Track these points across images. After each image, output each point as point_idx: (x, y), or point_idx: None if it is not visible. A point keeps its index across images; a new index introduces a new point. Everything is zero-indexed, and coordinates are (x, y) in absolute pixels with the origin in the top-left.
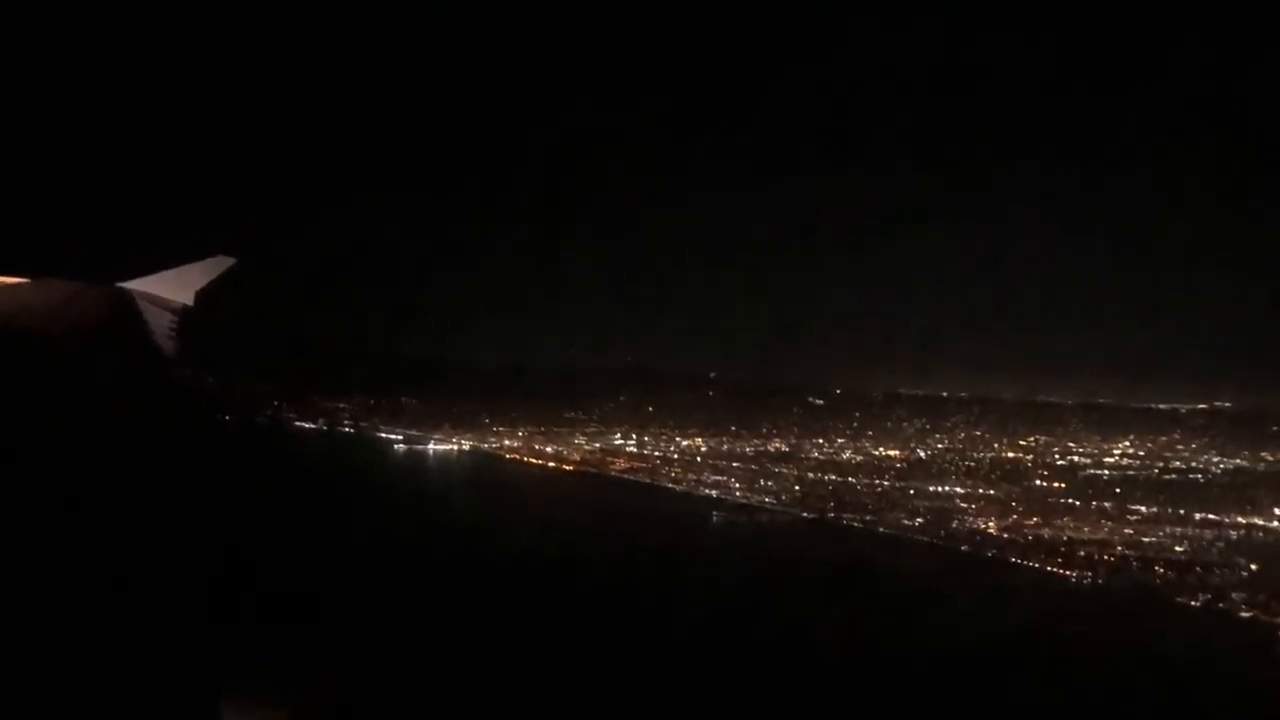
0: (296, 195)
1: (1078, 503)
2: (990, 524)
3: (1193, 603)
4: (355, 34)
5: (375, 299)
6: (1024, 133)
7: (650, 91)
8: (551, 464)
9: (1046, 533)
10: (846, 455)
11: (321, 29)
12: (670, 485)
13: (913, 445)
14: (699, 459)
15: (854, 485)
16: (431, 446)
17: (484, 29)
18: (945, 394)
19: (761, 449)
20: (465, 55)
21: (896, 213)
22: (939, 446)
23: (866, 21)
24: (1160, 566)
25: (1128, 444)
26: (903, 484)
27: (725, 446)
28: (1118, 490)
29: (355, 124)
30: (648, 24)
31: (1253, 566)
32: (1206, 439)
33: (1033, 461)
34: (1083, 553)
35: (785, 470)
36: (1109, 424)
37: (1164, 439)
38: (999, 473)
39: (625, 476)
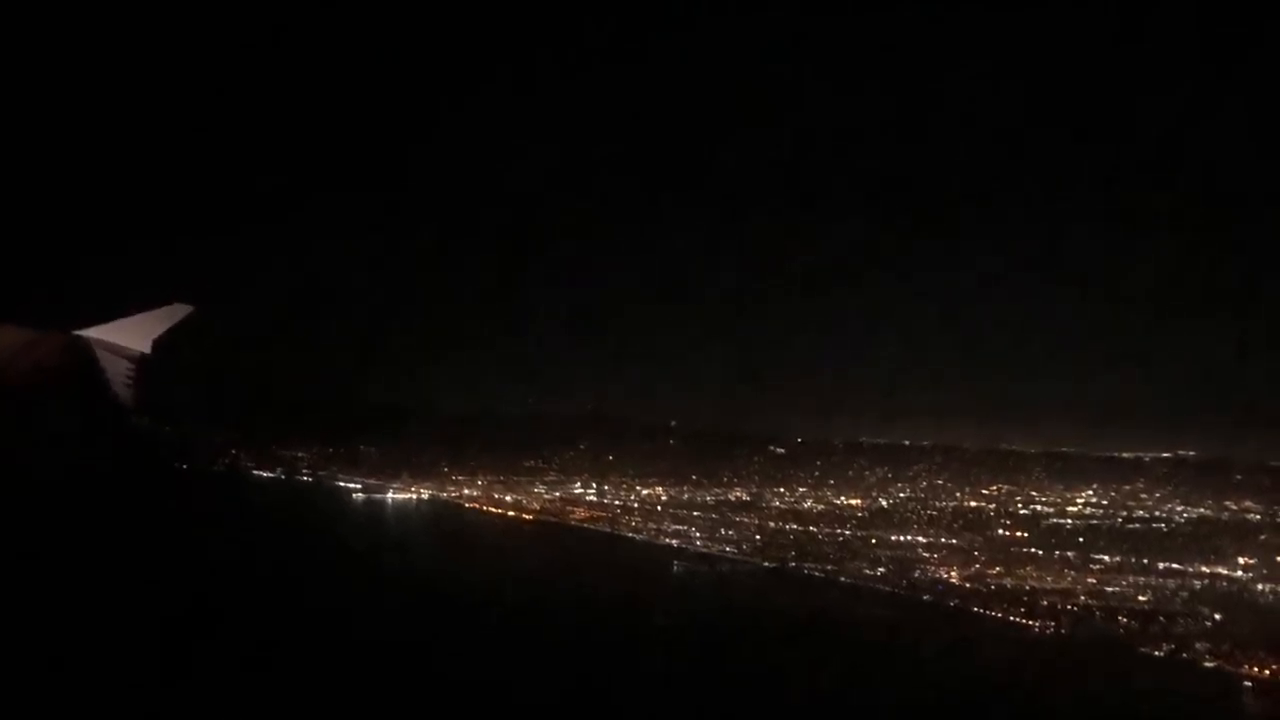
0: (254, 242)
1: (1040, 552)
2: (953, 573)
3: (1156, 653)
4: (314, 82)
5: (334, 346)
6: (986, 180)
7: (612, 139)
8: (511, 513)
9: (1009, 582)
10: (808, 504)
11: (279, 77)
12: (630, 534)
13: (875, 494)
14: (659, 508)
15: (815, 534)
16: (390, 495)
17: (444, 76)
18: (907, 442)
19: (722, 498)
20: (425, 103)
21: (858, 260)
22: (901, 495)
23: (827, 70)
24: (1124, 616)
25: (1091, 493)
26: (864, 533)
27: (686, 495)
28: (1081, 539)
29: (314, 171)
30: (609, 72)
31: (1216, 616)
32: (1170, 488)
33: (995, 510)
34: (1046, 602)
35: (746, 519)
36: (1072, 473)
37: (1127, 488)
38: (961, 522)
39: (585, 526)
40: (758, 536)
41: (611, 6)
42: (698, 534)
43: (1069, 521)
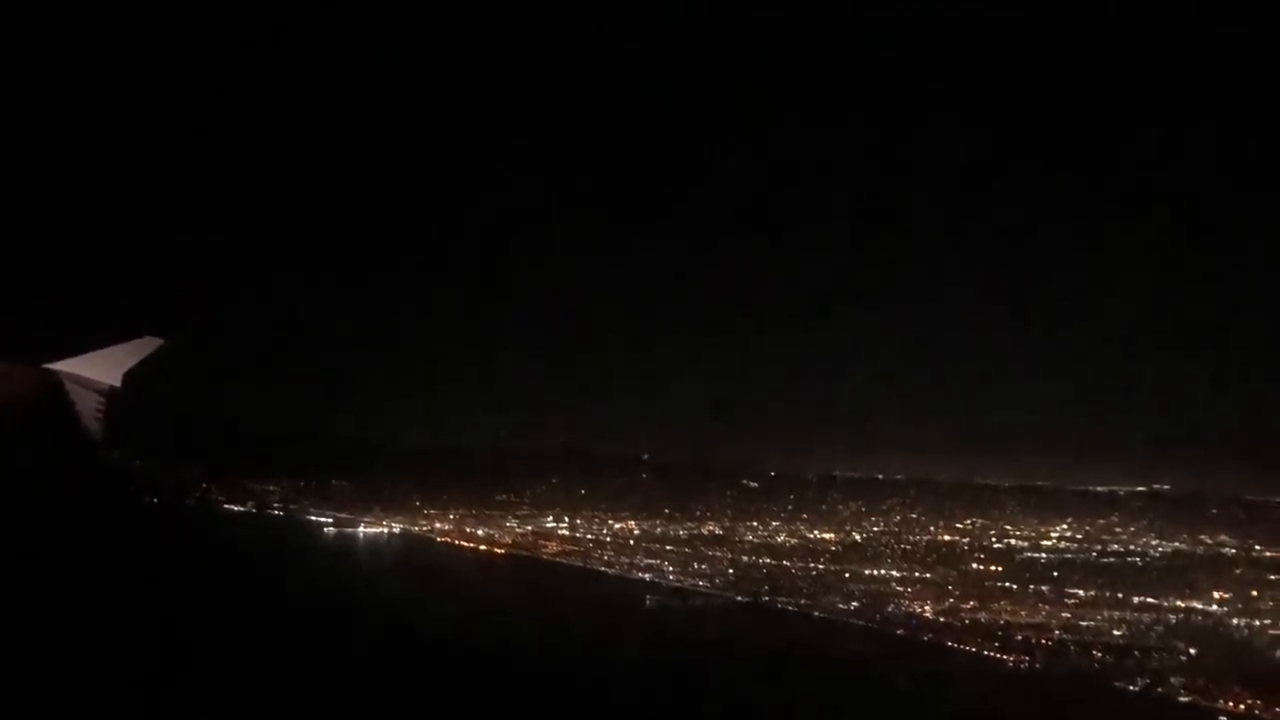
0: (224, 277)
1: (1015, 586)
2: (926, 608)
3: (1131, 687)
4: (286, 121)
5: (305, 381)
6: (961, 215)
7: (585, 174)
8: (483, 547)
9: (983, 617)
10: (781, 538)
11: (250, 115)
12: (603, 569)
13: (848, 528)
14: (632, 542)
15: (789, 568)
16: (362, 529)
17: (415, 113)
18: (881, 476)
19: (695, 532)
20: (395, 139)
21: (832, 295)
22: (875, 529)
23: (802, 106)
24: (1098, 650)
25: (1065, 527)
26: (838, 567)
27: (659, 529)
28: (1055, 573)
29: (285, 207)
30: (581, 107)
31: (1191, 650)
32: (1145, 522)
33: (969, 544)
34: (1020, 637)
35: (719, 553)
36: (1046, 506)
37: (1102, 521)
38: (935, 556)
39: (558, 560)
40: (731, 570)
41: (585, 43)
42: (670, 568)
43: (1043, 555)
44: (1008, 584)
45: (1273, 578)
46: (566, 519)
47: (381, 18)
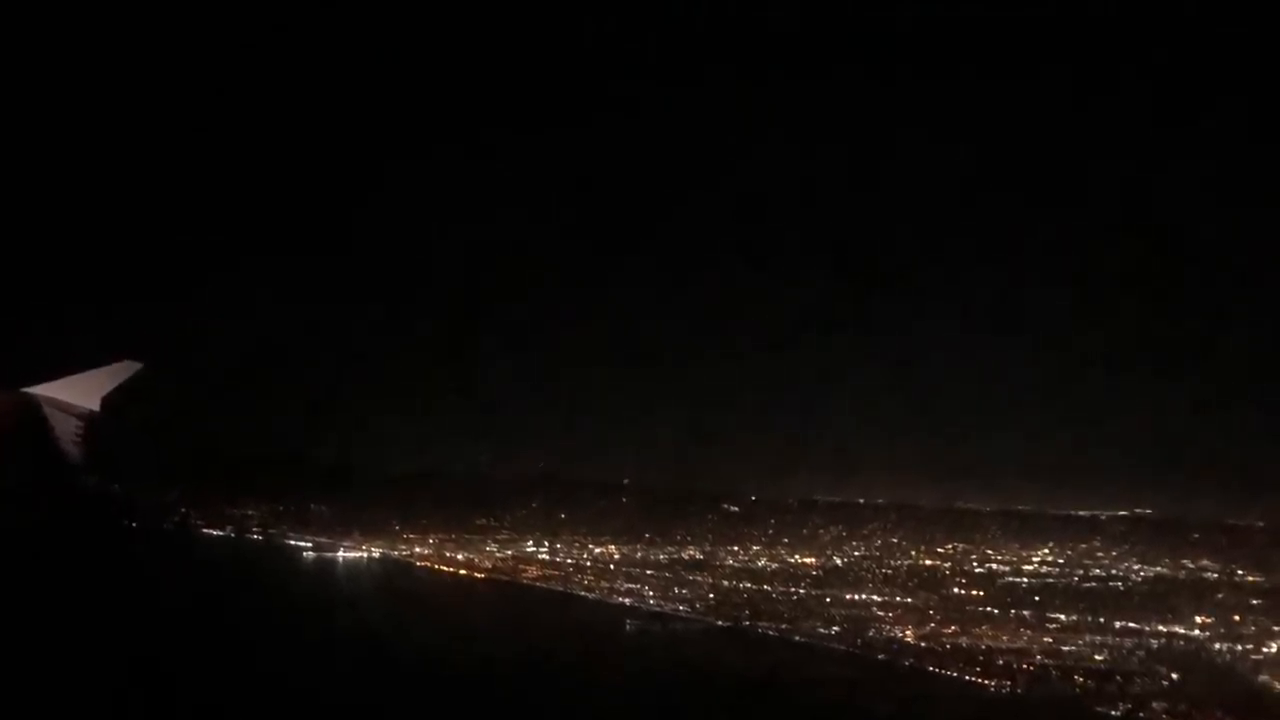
0: (202, 299)
1: (996, 611)
2: (908, 632)
3: (1113, 712)
4: (262, 143)
5: (283, 404)
6: (940, 237)
7: (563, 198)
8: (463, 571)
9: (965, 641)
10: (762, 563)
11: (227, 136)
12: (583, 593)
13: (829, 553)
14: (612, 566)
15: (769, 593)
16: (341, 554)
17: (393, 136)
18: (862, 500)
19: (676, 556)
20: (374, 163)
21: (812, 318)
22: (856, 554)
23: (779, 129)
24: (1080, 675)
25: (1047, 551)
26: (819, 592)
27: (639, 554)
28: (1037, 598)
29: (263, 230)
30: (558, 132)
31: (1174, 675)
32: (1127, 546)
33: (951, 569)
34: (1001, 661)
35: (700, 578)
36: (1028, 531)
37: (1084, 546)
38: (916, 580)
39: (537, 584)
40: (711, 595)
41: (561, 68)
42: (651, 592)
43: (1025, 580)
44: (989, 608)
45: (1255, 602)
46: (546, 543)
47: (359, 41)
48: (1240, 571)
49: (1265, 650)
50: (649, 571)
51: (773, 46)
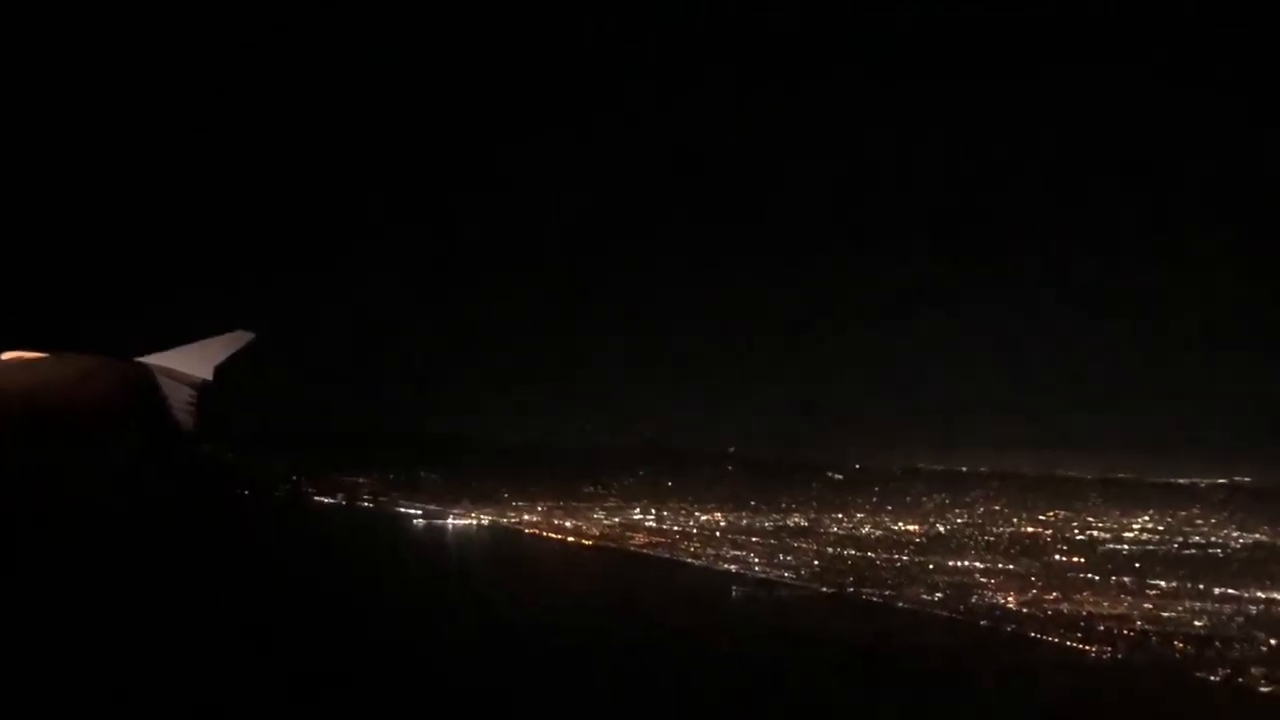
0: (319, 273)
1: (1097, 578)
2: (1010, 599)
3: (1212, 678)
4: (376, 122)
5: (395, 377)
6: (1044, 214)
7: (673, 175)
8: (570, 539)
9: (1066, 608)
10: (866, 530)
11: (344, 115)
12: (689, 560)
13: (932, 520)
14: (718, 533)
15: (873, 560)
16: (451, 521)
17: (503, 116)
18: (964, 469)
19: (781, 524)
20: (485, 142)
21: (917, 292)
22: (958, 521)
23: (885, 109)
24: (1180, 641)
25: (1147, 519)
26: (922, 559)
27: (744, 521)
28: (1137, 565)
29: (380, 208)
30: (668, 107)
31: (1272, 641)
32: (1226, 514)
33: (1052, 536)
34: (1102, 628)
35: (804, 545)
36: (1128, 499)
37: (1183, 514)
38: (1018, 547)
39: (644, 551)
40: (816, 562)
41: (665, 48)
42: (756, 559)
43: (1125, 547)
44: (1090, 575)
45: None
46: (653, 511)
47: (466, 22)
48: None
49: None
50: (754, 539)
51: (879, 31)
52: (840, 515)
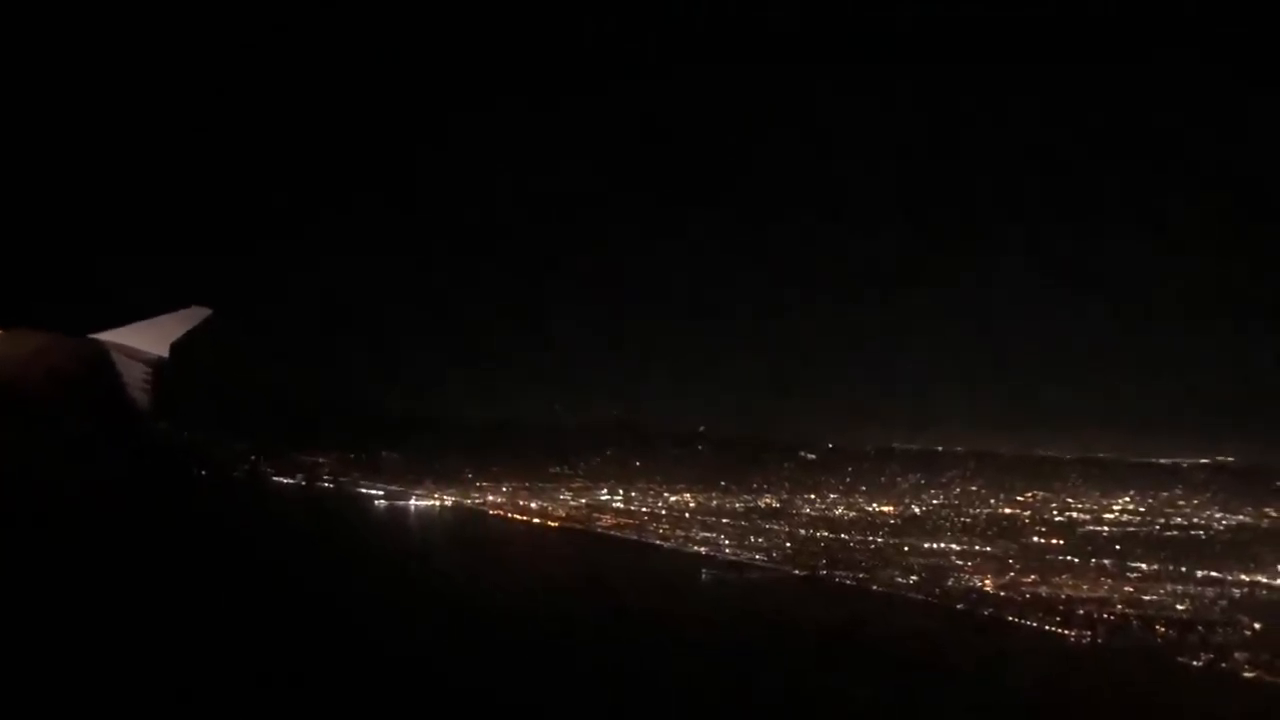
0: (277, 248)
1: (1076, 560)
2: (987, 582)
3: (1195, 663)
4: (334, 95)
5: (355, 354)
6: (1020, 189)
7: (641, 146)
8: (536, 520)
9: (1044, 591)
10: (839, 511)
11: (297, 90)
12: (658, 542)
13: (907, 501)
14: (687, 515)
15: (847, 542)
16: (413, 502)
17: (465, 86)
18: (941, 448)
19: (752, 505)
20: (445, 113)
21: (891, 267)
22: (934, 502)
23: (858, 80)
24: (1161, 626)
25: (1128, 500)
26: (897, 541)
27: (715, 502)
28: (1117, 547)
29: (337, 181)
30: (634, 80)
31: (1256, 625)
32: (1209, 494)
33: (1030, 518)
34: (1082, 611)
35: (776, 527)
36: (1108, 479)
37: (1165, 495)
38: (995, 529)
39: (612, 533)
40: (788, 544)
41: (635, 14)
42: (727, 541)
43: (1105, 529)
44: (1069, 558)
45: None
46: (621, 491)
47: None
48: None
49: None
50: (725, 520)
51: (847, 5)
52: (813, 496)
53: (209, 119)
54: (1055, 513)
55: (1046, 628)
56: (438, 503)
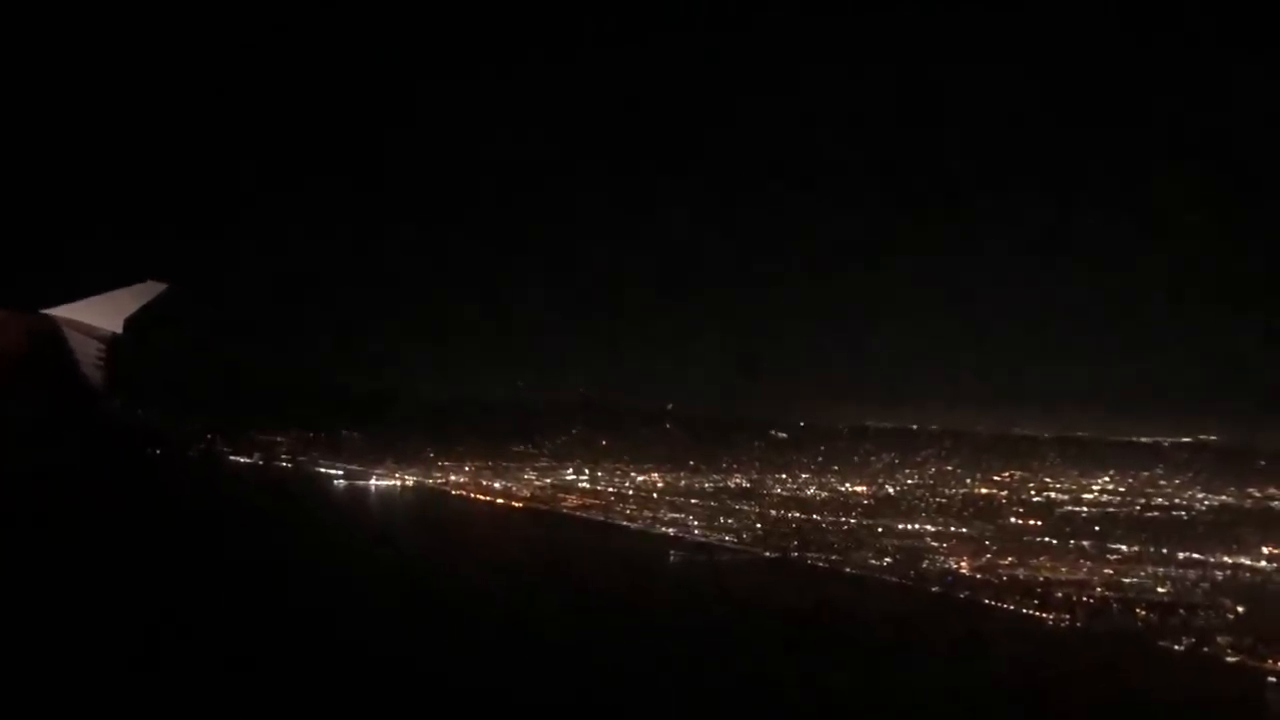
0: (234, 220)
1: (1055, 542)
2: (963, 564)
3: (1176, 647)
4: (297, 70)
5: (315, 328)
6: (999, 161)
7: (609, 122)
8: (500, 500)
9: (1022, 573)
10: (811, 491)
11: (261, 65)
12: (625, 523)
13: (881, 481)
14: (655, 495)
15: (819, 523)
16: (373, 482)
17: (428, 61)
18: (915, 427)
19: (721, 485)
20: (408, 88)
21: (865, 241)
22: (909, 482)
23: (830, 54)
24: (1142, 609)
25: (1107, 480)
26: (870, 521)
27: (683, 482)
28: (1097, 528)
29: (296, 156)
30: (601, 56)
31: (1239, 608)
32: (1190, 474)
33: (1007, 498)
34: (1060, 594)
35: (746, 507)
36: (1088, 459)
37: (1146, 474)
38: (972, 510)
39: (577, 513)
40: (758, 525)
41: None
42: (696, 522)
43: (1084, 510)
44: (1047, 539)
45: None
46: (587, 471)
47: None
48: None
49: None
50: (694, 500)
51: None
52: (784, 476)
53: (163, 92)
54: (1033, 493)
55: (1024, 611)
56: (399, 483)
